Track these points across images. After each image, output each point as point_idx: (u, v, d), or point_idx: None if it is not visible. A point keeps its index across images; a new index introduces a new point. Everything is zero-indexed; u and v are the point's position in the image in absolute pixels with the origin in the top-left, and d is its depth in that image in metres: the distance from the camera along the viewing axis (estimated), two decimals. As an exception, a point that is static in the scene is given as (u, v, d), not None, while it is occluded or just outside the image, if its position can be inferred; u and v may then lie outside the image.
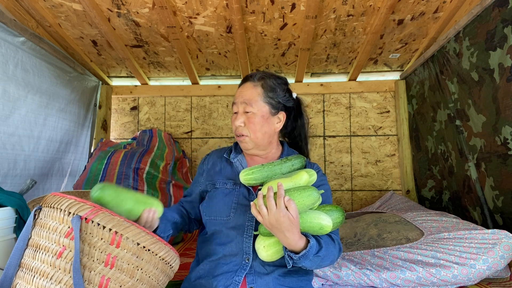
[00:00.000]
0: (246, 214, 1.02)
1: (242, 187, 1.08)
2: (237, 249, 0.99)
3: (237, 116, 1.10)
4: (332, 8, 1.84)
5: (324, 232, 0.89)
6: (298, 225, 0.83)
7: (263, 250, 0.90)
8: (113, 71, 2.62)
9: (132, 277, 0.74)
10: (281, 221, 0.80)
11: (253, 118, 1.08)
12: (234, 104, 1.13)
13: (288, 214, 0.80)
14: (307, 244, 0.86)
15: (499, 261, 1.19)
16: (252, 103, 1.08)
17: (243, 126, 1.08)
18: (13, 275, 0.76)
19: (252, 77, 1.14)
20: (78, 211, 0.72)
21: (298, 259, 0.85)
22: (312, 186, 0.89)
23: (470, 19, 1.62)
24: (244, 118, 1.09)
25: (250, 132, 1.08)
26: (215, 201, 1.06)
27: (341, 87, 2.65)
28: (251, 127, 1.08)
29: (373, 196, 2.65)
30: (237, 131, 1.10)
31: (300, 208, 0.85)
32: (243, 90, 1.11)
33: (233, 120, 1.12)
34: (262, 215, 0.83)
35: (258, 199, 0.84)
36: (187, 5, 1.83)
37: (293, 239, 0.83)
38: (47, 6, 1.83)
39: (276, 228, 0.82)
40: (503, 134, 1.47)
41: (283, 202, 0.80)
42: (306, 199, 0.85)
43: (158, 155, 2.31)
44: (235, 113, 1.12)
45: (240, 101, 1.09)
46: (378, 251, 1.42)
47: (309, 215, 0.88)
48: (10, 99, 1.70)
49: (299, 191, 0.86)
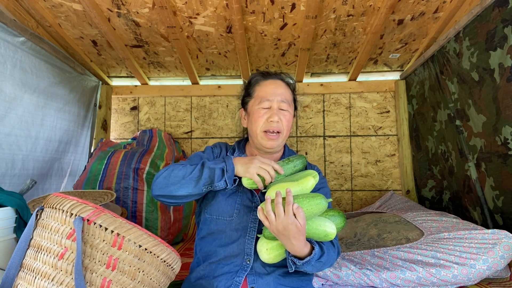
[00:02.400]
0: (249, 215, 1.02)
1: (245, 188, 1.06)
2: (239, 250, 0.98)
3: (273, 111, 1.07)
4: (332, 8, 1.84)
5: (329, 239, 0.89)
6: (304, 233, 0.83)
7: (265, 253, 0.90)
8: (113, 71, 2.62)
9: (134, 279, 0.74)
10: (289, 228, 0.80)
11: (288, 116, 1.09)
12: (267, 101, 1.08)
13: (296, 221, 0.80)
14: (311, 250, 0.86)
15: (499, 261, 1.20)
16: (289, 103, 1.10)
17: (279, 122, 1.07)
18: (14, 275, 0.76)
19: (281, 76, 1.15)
20: (80, 213, 0.72)
21: (301, 265, 0.86)
22: (320, 194, 0.89)
23: (470, 19, 1.62)
24: (281, 114, 1.07)
25: (285, 129, 1.08)
26: (218, 200, 1.05)
27: (341, 87, 2.66)
28: (286, 124, 1.08)
29: (373, 196, 2.66)
30: (272, 127, 1.06)
31: (308, 215, 0.85)
32: (279, 88, 1.10)
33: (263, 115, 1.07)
34: (269, 221, 0.82)
35: (266, 204, 0.83)
36: (187, 5, 1.83)
37: (298, 246, 0.83)
38: (47, 6, 1.83)
39: (283, 234, 0.81)
40: (503, 134, 1.47)
41: (291, 210, 0.80)
42: (315, 207, 0.85)
43: (158, 155, 2.30)
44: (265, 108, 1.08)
45: (279, 99, 1.08)
46: (378, 251, 1.42)
47: (314, 222, 0.88)
48: (6, 99, 1.69)
49: (308, 199, 0.86)
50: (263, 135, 1.08)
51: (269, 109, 1.08)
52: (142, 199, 2.02)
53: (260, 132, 1.08)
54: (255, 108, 1.10)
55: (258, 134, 1.09)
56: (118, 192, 2.01)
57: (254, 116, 1.09)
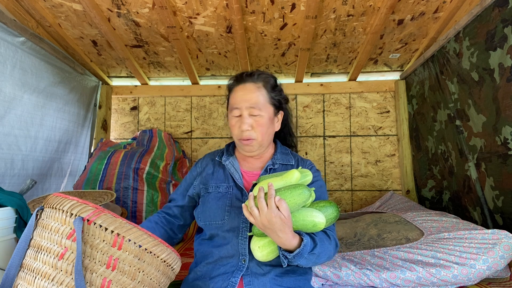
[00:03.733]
0: (240, 216, 1.01)
1: (235, 189, 1.06)
2: (233, 251, 0.98)
3: (242, 119, 1.04)
4: (332, 8, 1.84)
5: (318, 229, 0.88)
6: (290, 224, 0.83)
7: (258, 250, 0.90)
8: (113, 71, 2.62)
9: (134, 279, 0.74)
10: (273, 221, 0.80)
11: (261, 121, 1.04)
12: (235, 109, 1.06)
13: (280, 214, 0.80)
14: (301, 242, 0.86)
15: (499, 261, 1.19)
16: (260, 107, 1.04)
17: (250, 129, 1.04)
18: (14, 275, 0.76)
19: (251, 76, 1.08)
20: (80, 213, 0.72)
21: (292, 257, 0.85)
22: (302, 184, 0.88)
23: (470, 19, 1.62)
24: (251, 121, 1.04)
25: (258, 135, 1.04)
26: (208, 206, 1.05)
27: (341, 87, 2.66)
28: (259, 130, 1.04)
29: (373, 196, 2.66)
30: (244, 135, 1.04)
31: (292, 207, 0.84)
32: (247, 93, 1.05)
33: (235, 124, 1.06)
34: (254, 217, 0.82)
35: (249, 201, 0.83)
36: (187, 5, 1.83)
37: (286, 238, 0.83)
38: (47, 6, 1.83)
39: (269, 228, 0.82)
40: (503, 134, 1.47)
41: (274, 202, 0.80)
42: (297, 197, 0.85)
43: (158, 155, 2.31)
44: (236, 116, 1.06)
45: (245, 105, 1.04)
46: (378, 251, 1.42)
47: (301, 213, 0.87)
48: (5, 99, 1.69)
49: (290, 190, 0.85)
50: (239, 143, 1.08)
51: (239, 117, 1.06)
52: (142, 199, 2.02)
53: (236, 139, 1.09)
54: (229, 116, 1.10)
55: (237, 142, 1.10)
56: (118, 192, 2.01)
57: (230, 124, 1.09)
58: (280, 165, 1.12)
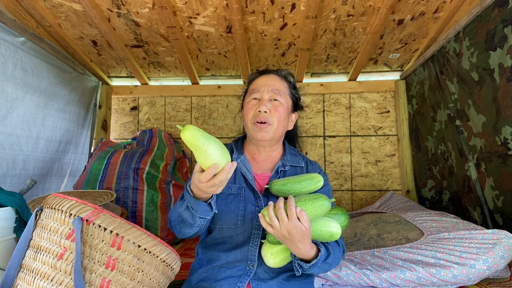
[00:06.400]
0: (253, 221, 0.99)
1: (247, 191, 1.03)
2: (242, 256, 0.97)
3: (262, 101, 1.03)
4: (332, 8, 1.84)
5: (334, 239, 0.88)
6: (310, 236, 0.81)
7: (270, 257, 0.89)
8: (113, 71, 2.62)
9: (133, 279, 0.74)
10: (294, 233, 0.78)
11: (280, 107, 1.03)
12: (256, 92, 1.05)
13: (301, 225, 0.78)
14: (317, 252, 0.85)
15: (499, 261, 1.19)
16: (281, 93, 1.05)
17: (268, 113, 1.01)
18: (14, 276, 0.76)
19: (276, 71, 1.11)
20: (79, 213, 0.72)
21: (308, 268, 0.85)
22: (323, 195, 0.87)
23: (470, 19, 1.62)
24: (271, 106, 1.03)
25: (275, 121, 1.02)
26: (220, 208, 1.01)
27: (341, 87, 2.65)
28: (277, 115, 1.02)
29: (373, 196, 2.65)
30: (260, 117, 1.00)
31: (311, 217, 0.83)
32: (270, 80, 1.07)
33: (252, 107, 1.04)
34: (273, 227, 0.80)
35: (269, 211, 0.80)
36: (187, 5, 1.83)
37: (305, 249, 0.82)
38: (47, 6, 1.83)
39: (288, 239, 0.80)
40: (503, 134, 1.47)
41: (295, 214, 0.78)
42: (318, 209, 0.84)
43: (158, 155, 2.30)
44: (255, 99, 1.05)
45: (267, 89, 1.04)
46: (378, 251, 1.42)
47: (319, 223, 0.86)
48: (8, 99, 1.70)
49: (311, 201, 0.84)
50: (253, 126, 1.03)
51: (259, 100, 1.04)
52: (142, 199, 2.02)
53: (250, 123, 1.04)
54: (247, 101, 1.08)
55: (250, 126, 1.04)
56: (118, 192, 2.01)
57: (246, 108, 1.07)
58: (290, 166, 1.09)
